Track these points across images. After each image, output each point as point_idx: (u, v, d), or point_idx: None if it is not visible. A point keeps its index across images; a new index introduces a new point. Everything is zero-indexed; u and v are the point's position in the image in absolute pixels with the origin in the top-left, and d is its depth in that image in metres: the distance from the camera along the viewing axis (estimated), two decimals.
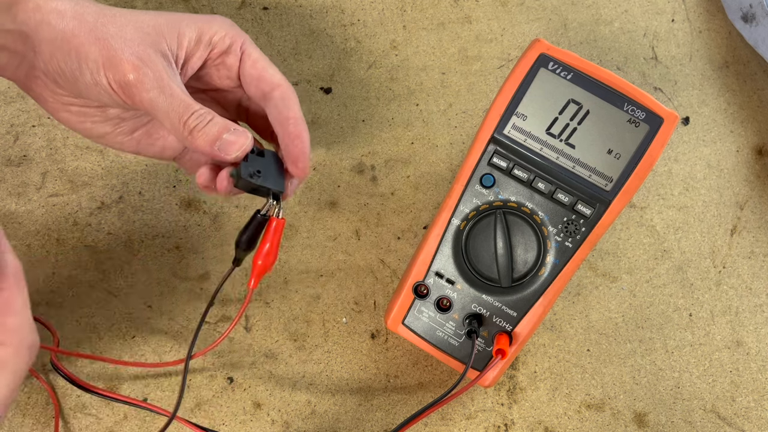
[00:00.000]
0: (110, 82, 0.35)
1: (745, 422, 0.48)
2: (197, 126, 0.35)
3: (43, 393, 0.46)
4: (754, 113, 0.56)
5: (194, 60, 0.38)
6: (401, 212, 0.52)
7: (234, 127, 0.36)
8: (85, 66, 0.34)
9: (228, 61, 0.39)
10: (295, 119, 0.38)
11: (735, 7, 0.57)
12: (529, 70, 0.40)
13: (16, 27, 0.35)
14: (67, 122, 0.39)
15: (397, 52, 0.56)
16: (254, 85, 0.39)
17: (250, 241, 0.39)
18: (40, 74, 0.36)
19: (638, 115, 0.39)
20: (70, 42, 0.34)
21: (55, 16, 0.34)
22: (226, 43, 0.38)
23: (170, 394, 0.46)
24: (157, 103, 0.35)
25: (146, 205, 0.51)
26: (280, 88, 0.39)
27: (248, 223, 0.39)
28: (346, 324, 0.49)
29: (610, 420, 0.48)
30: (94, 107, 0.38)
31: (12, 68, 0.36)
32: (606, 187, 0.40)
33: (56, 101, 0.37)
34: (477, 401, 0.47)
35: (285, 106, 0.39)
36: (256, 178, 0.37)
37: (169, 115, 0.35)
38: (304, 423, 0.46)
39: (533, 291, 0.42)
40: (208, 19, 0.38)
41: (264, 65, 0.39)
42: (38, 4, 0.34)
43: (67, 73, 0.35)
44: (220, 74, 0.40)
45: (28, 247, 0.49)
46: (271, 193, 0.38)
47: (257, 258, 0.39)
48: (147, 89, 0.34)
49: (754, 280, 0.51)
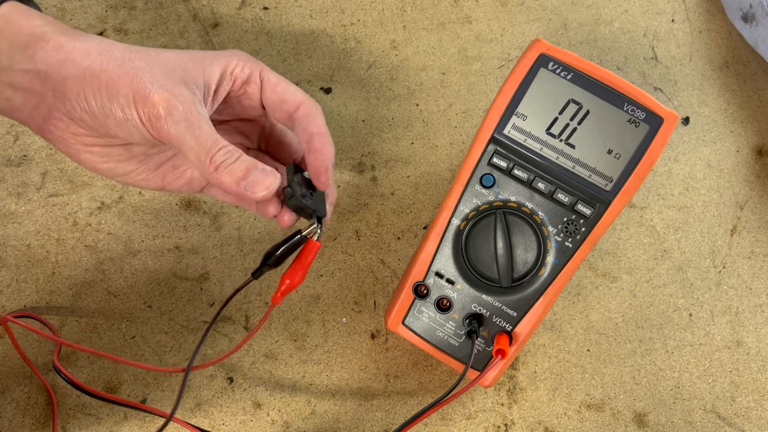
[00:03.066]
0: (141, 117, 0.34)
1: (745, 422, 0.48)
2: (224, 162, 0.35)
3: (43, 393, 0.46)
4: (754, 113, 0.56)
5: (219, 95, 0.38)
6: (401, 212, 0.52)
7: (262, 166, 0.36)
8: (116, 101, 0.34)
9: (249, 90, 0.40)
10: (319, 134, 0.39)
11: (735, 7, 0.57)
12: (529, 70, 0.40)
13: (33, 66, 0.34)
14: (90, 163, 0.37)
15: (397, 52, 0.56)
16: (278, 108, 0.40)
17: (281, 257, 0.39)
18: (61, 116, 0.35)
19: (638, 115, 0.39)
20: (99, 78, 0.33)
21: (80, 54, 0.34)
22: (245, 74, 0.39)
23: (170, 394, 0.46)
24: (184, 137, 0.34)
25: (146, 205, 0.51)
26: (303, 105, 0.40)
27: (287, 239, 0.39)
28: (346, 324, 0.49)
29: (610, 420, 0.48)
30: (118, 145, 0.37)
31: (28, 109, 0.35)
32: (606, 187, 0.40)
33: (78, 142, 0.36)
34: (477, 401, 0.47)
35: (308, 122, 0.39)
36: (307, 199, 0.38)
37: (196, 149, 0.34)
38: (304, 423, 0.46)
39: (533, 291, 0.42)
40: (227, 54, 0.39)
41: (284, 87, 0.40)
42: (60, 43, 0.34)
43: (97, 111, 0.34)
44: (243, 104, 0.41)
45: (28, 247, 0.49)
46: (316, 216, 0.39)
47: (288, 276, 0.39)
48: (176, 122, 0.34)
49: (754, 280, 0.51)
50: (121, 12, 0.55)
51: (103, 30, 0.54)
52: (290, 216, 0.40)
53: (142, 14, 0.55)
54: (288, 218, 0.39)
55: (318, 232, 0.39)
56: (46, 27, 0.35)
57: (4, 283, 0.48)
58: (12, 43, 0.34)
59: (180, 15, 0.55)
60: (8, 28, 0.34)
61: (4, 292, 0.48)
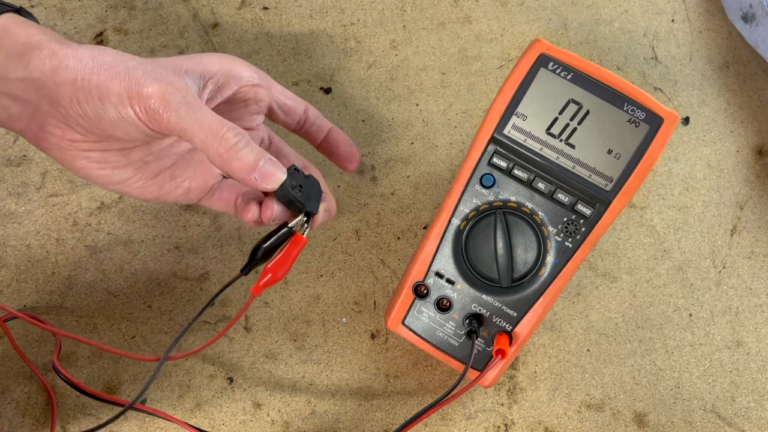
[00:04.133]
0: (137, 113, 0.34)
1: (745, 422, 0.48)
2: (236, 144, 0.34)
3: (43, 393, 0.46)
4: (754, 113, 0.56)
5: (223, 91, 0.38)
6: (401, 212, 0.52)
7: (269, 155, 0.36)
8: (108, 102, 0.33)
9: (260, 93, 0.41)
10: (335, 128, 0.45)
11: (735, 7, 0.57)
12: (529, 70, 0.40)
13: (28, 75, 0.34)
14: (86, 170, 0.37)
15: (397, 52, 0.56)
16: (291, 111, 0.43)
17: (269, 251, 0.38)
18: (57, 123, 0.35)
19: (638, 115, 0.39)
20: (90, 81, 0.33)
21: (73, 60, 0.34)
22: (256, 78, 0.40)
23: (170, 394, 0.46)
24: (186, 123, 0.34)
25: (146, 205, 0.51)
26: (308, 107, 0.44)
27: (273, 232, 0.39)
28: (346, 324, 0.49)
29: (610, 420, 0.48)
30: (115, 150, 0.37)
31: (25, 119, 0.35)
32: (606, 187, 0.40)
33: (74, 148, 0.36)
34: (477, 401, 0.47)
35: (321, 120, 0.44)
36: (297, 191, 0.38)
37: (201, 133, 0.34)
38: (304, 423, 0.46)
39: (533, 291, 0.42)
40: (231, 58, 0.39)
41: (290, 93, 0.43)
42: (54, 51, 0.34)
43: (90, 113, 0.34)
44: (248, 108, 0.41)
45: (28, 247, 0.49)
46: (305, 212, 0.39)
47: (271, 270, 0.38)
48: (175, 109, 0.33)
49: (754, 280, 0.51)
50: (121, 12, 0.55)
51: (103, 30, 0.54)
52: (274, 210, 0.38)
53: (142, 14, 0.55)
54: (270, 212, 0.38)
55: (306, 227, 0.39)
56: (41, 36, 0.35)
57: (4, 283, 0.48)
58: (8, 52, 0.34)
59: (180, 15, 0.55)
60: (5, 37, 0.34)
61: (4, 292, 0.48)
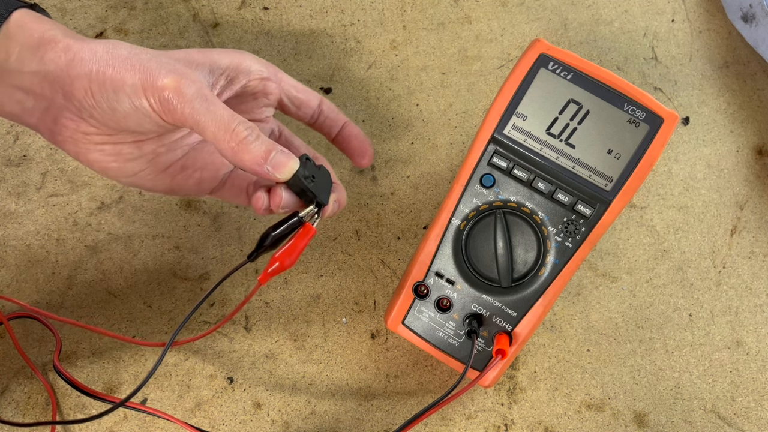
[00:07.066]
0: (151, 104, 0.34)
1: (745, 422, 0.48)
2: (247, 138, 0.35)
3: (43, 393, 0.46)
4: (754, 113, 0.56)
5: (233, 85, 0.39)
6: (401, 212, 0.52)
7: (280, 147, 0.36)
8: (123, 93, 0.34)
9: (270, 87, 0.40)
10: (349, 122, 0.44)
11: (735, 7, 0.57)
12: (529, 70, 0.40)
13: (42, 68, 0.34)
14: (99, 163, 0.37)
15: (397, 52, 0.56)
16: (304, 104, 0.42)
17: (278, 239, 0.38)
18: (71, 116, 0.35)
19: (638, 115, 0.39)
20: (104, 73, 0.34)
21: (88, 53, 0.34)
22: (265, 71, 0.40)
23: (170, 394, 0.46)
24: (199, 115, 0.34)
25: (146, 205, 0.51)
26: (323, 100, 0.43)
27: (283, 220, 0.38)
28: (346, 324, 0.49)
29: (610, 420, 0.48)
30: (128, 143, 0.37)
31: (39, 113, 0.36)
32: (606, 187, 0.40)
33: (88, 141, 0.36)
34: (477, 401, 0.47)
35: (336, 114, 0.44)
36: (309, 181, 0.38)
37: (213, 126, 0.34)
38: (304, 423, 0.46)
39: (533, 291, 0.42)
40: (240, 52, 0.39)
41: (303, 86, 0.42)
42: (69, 45, 0.34)
43: (105, 105, 0.34)
44: (258, 101, 0.41)
45: (28, 247, 0.49)
46: (316, 202, 0.39)
47: (279, 258, 0.38)
48: (189, 100, 0.34)
49: (754, 280, 0.51)
50: (121, 12, 0.55)
51: (103, 30, 0.54)
52: (282, 197, 0.38)
53: (142, 14, 0.55)
54: (278, 199, 0.38)
55: (316, 218, 0.39)
56: (56, 31, 0.35)
57: (4, 283, 0.48)
58: (23, 46, 0.34)
59: (180, 15, 0.55)
60: (20, 32, 0.35)
61: (4, 292, 0.48)
